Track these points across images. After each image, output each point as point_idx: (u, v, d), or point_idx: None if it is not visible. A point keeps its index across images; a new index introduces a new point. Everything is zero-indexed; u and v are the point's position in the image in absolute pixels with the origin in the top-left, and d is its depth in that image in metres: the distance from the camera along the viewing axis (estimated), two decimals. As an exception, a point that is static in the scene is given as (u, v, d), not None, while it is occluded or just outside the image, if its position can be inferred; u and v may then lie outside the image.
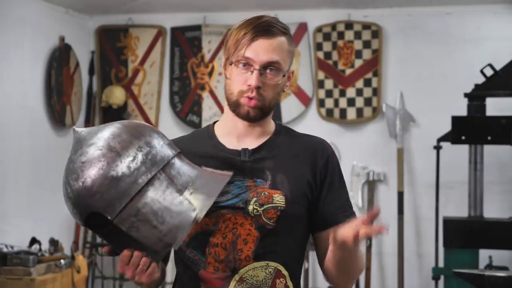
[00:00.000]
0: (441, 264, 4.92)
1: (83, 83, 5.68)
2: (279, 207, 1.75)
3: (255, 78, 1.75)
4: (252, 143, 1.82)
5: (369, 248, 5.18)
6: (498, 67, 4.58)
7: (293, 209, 1.76)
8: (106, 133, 1.58)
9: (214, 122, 1.90)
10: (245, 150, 1.81)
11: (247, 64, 1.76)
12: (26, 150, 4.92)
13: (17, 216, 4.80)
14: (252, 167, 1.79)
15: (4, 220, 4.67)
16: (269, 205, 1.75)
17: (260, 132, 1.84)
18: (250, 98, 1.77)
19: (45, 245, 4.64)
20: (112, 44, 5.82)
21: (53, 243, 4.63)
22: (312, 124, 5.42)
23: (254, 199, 1.75)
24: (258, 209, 1.74)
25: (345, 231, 1.62)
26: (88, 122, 5.70)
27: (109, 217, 1.53)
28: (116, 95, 5.69)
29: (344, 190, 1.87)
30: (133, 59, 5.81)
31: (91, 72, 5.81)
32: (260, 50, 1.76)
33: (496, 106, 4.83)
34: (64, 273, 4.50)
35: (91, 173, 1.52)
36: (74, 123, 5.44)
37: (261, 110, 1.79)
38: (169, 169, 1.57)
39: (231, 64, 1.79)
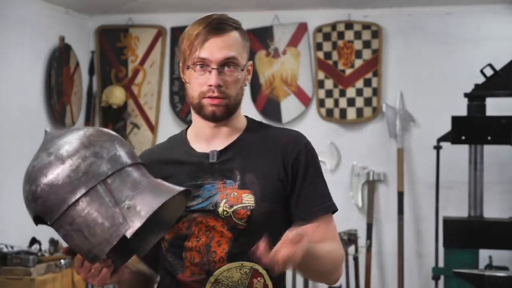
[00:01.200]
0: (441, 264, 4.92)
1: (83, 83, 5.68)
2: (249, 207, 1.73)
3: (214, 77, 1.74)
4: (221, 144, 1.81)
5: (369, 248, 5.18)
6: (498, 67, 4.58)
7: (264, 207, 1.74)
8: (62, 140, 1.62)
9: (188, 127, 1.89)
10: (213, 152, 1.80)
11: (204, 65, 1.75)
12: (26, 150, 4.90)
13: (17, 216, 4.78)
14: (220, 169, 1.77)
15: (4, 220, 4.67)
16: (239, 206, 1.73)
17: (228, 132, 1.82)
18: (213, 98, 1.75)
19: (45, 245, 4.64)
20: (112, 44, 5.82)
21: (53, 243, 4.63)
22: (312, 124, 5.42)
23: (224, 200, 1.74)
24: (228, 210, 1.73)
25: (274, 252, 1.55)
26: (88, 122, 5.70)
27: (48, 222, 1.58)
28: (116, 95, 5.69)
29: (320, 182, 1.82)
30: (133, 59, 5.81)
31: (91, 72, 5.81)
32: (214, 48, 1.74)
33: (496, 106, 4.82)
34: (64, 273, 4.49)
35: (37, 179, 1.58)
36: (74, 123, 5.44)
37: (227, 108, 1.77)
38: (113, 180, 1.58)
39: (188, 68, 1.78)
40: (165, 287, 1.81)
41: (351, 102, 5.47)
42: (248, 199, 1.74)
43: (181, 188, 1.63)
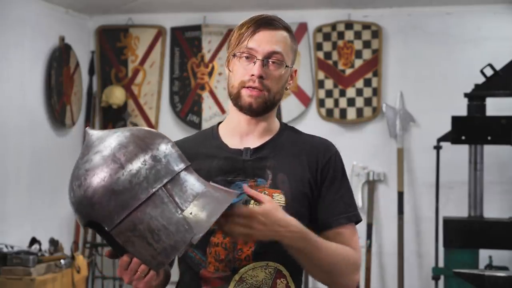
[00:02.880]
0: (441, 264, 4.93)
1: (83, 83, 5.68)
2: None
3: (258, 67, 1.75)
4: (254, 142, 1.82)
5: (369, 248, 5.18)
6: (498, 67, 4.58)
7: (293, 209, 1.74)
8: (113, 142, 1.55)
9: (219, 123, 1.90)
10: (247, 149, 1.80)
11: (250, 55, 1.76)
12: (26, 150, 4.92)
13: (17, 216, 4.80)
14: (253, 166, 1.78)
15: (4, 220, 4.67)
16: None
17: (263, 130, 1.83)
18: (253, 88, 1.76)
19: (45, 245, 4.64)
20: (112, 44, 5.82)
21: (53, 243, 4.63)
22: (312, 124, 5.41)
23: None
24: None
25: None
26: (88, 122, 5.70)
27: (106, 228, 1.52)
28: (116, 95, 5.69)
29: (347, 190, 1.84)
30: (133, 59, 5.81)
31: (91, 72, 5.81)
32: (263, 40, 1.76)
33: (496, 106, 4.83)
34: (64, 273, 4.49)
35: (93, 183, 1.51)
36: (74, 123, 5.44)
37: (265, 103, 1.78)
38: (172, 185, 1.54)
39: (234, 56, 1.79)
40: (185, 283, 1.80)
41: (351, 102, 5.47)
42: (278, 199, 1.74)
43: (237, 192, 1.63)
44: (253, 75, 1.75)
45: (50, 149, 5.17)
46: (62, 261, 4.50)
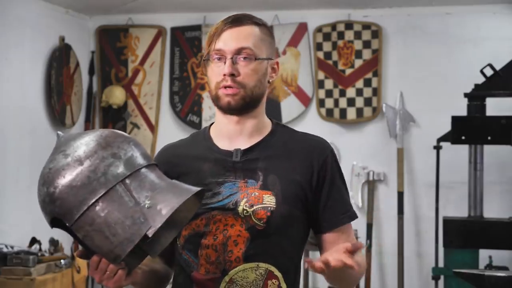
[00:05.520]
0: (441, 264, 4.93)
1: (83, 83, 5.68)
2: (269, 208, 1.73)
3: (227, 66, 1.76)
4: (245, 143, 1.81)
5: (369, 248, 5.18)
6: (498, 67, 4.58)
7: (284, 210, 1.74)
8: (78, 142, 1.62)
9: (211, 124, 1.90)
10: (237, 150, 1.80)
11: (221, 56, 1.78)
12: (26, 150, 4.92)
13: (17, 216, 4.79)
14: (243, 168, 1.77)
15: (4, 220, 4.67)
16: (259, 206, 1.73)
17: (252, 130, 1.82)
18: (227, 87, 1.77)
19: (45, 245, 4.64)
20: (112, 44, 5.82)
21: (53, 243, 4.63)
22: (312, 124, 5.42)
23: (244, 199, 1.74)
24: (248, 210, 1.73)
25: (330, 256, 1.60)
26: (88, 122, 5.70)
27: (67, 224, 1.58)
28: (116, 95, 5.69)
29: (345, 189, 1.84)
30: (133, 59, 5.81)
31: (91, 72, 5.81)
32: (229, 39, 1.77)
33: (496, 106, 4.82)
34: (64, 273, 4.49)
35: (55, 180, 1.59)
36: (74, 123, 5.44)
37: (243, 99, 1.78)
38: (131, 180, 1.59)
39: (207, 61, 1.81)
40: (178, 285, 1.81)
41: (351, 102, 5.47)
42: (269, 200, 1.74)
43: (198, 188, 1.64)
44: (224, 74, 1.76)
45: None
46: (62, 261, 4.50)
